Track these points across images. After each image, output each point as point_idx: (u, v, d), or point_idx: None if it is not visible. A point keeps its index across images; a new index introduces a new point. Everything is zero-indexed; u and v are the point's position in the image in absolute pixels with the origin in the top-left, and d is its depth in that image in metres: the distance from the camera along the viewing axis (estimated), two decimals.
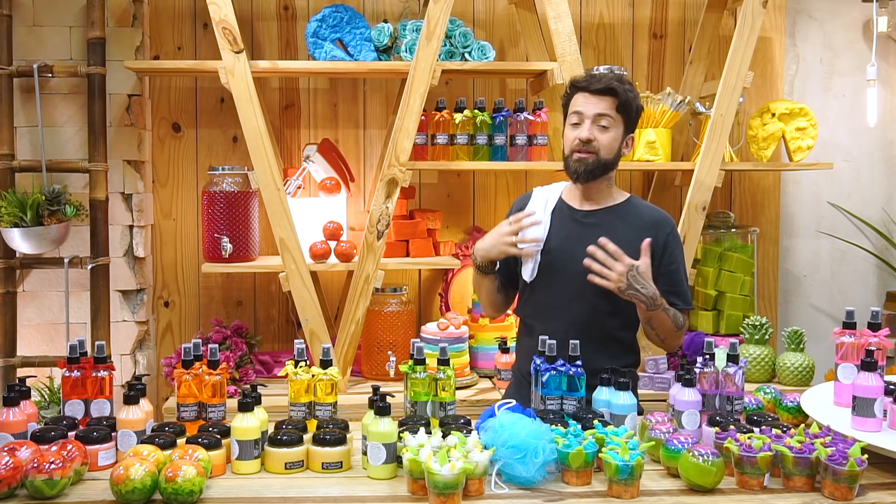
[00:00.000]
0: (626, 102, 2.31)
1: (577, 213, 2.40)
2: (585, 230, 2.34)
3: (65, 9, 3.27)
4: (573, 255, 2.31)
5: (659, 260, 2.32)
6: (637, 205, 2.43)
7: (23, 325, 3.28)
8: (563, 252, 2.35)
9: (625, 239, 2.27)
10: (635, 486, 1.74)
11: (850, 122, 3.83)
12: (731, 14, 3.61)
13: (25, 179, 3.23)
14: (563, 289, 2.35)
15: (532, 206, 2.45)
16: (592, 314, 2.32)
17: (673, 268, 2.35)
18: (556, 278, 2.36)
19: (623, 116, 2.33)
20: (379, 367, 3.27)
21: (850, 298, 3.83)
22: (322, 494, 1.77)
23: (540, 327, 2.35)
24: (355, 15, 3.25)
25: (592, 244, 2.24)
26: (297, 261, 3.10)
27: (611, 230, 2.30)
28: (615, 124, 2.32)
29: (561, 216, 2.41)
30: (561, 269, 2.35)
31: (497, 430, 1.83)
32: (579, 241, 2.30)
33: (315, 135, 3.57)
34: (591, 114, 2.30)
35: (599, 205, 2.39)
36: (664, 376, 3.08)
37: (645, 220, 2.36)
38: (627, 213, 2.38)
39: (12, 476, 1.70)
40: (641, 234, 2.28)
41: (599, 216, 2.37)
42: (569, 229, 2.38)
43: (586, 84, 2.32)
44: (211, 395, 2.05)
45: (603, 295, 2.26)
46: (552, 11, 3.15)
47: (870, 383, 1.95)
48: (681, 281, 2.37)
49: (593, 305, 2.32)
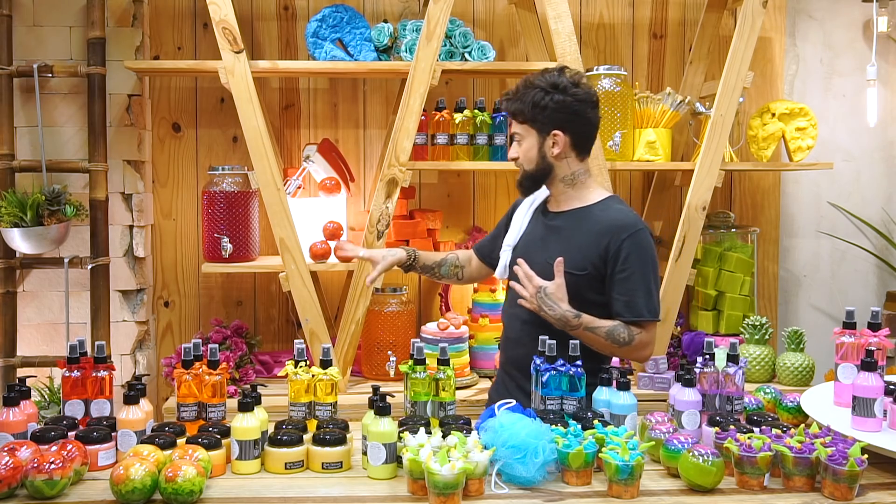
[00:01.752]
0: (519, 112, 2.33)
1: (546, 216, 2.44)
2: (546, 232, 2.39)
3: (65, 9, 3.27)
4: (532, 257, 2.34)
5: (611, 267, 2.23)
6: (605, 207, 2.33)
7: (23, 325, 3.28)
8: (526, 252, 2.40)
9: (577, 243, 2.28)
10: (635, 486, 1.74)
11: (850, 122, 3.83)
12: (731, 14, 3.61)
13: (25, 179, 3.23)
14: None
15: (523, 206, 2.53)
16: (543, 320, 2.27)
17: (624, 276, 2.22)
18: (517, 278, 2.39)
19: (529, 124, 2.32)
20: (379, 367, 3.27)
21: (850, 298, 3.83)
22: (322, 494, 1.77)
23: (509, 323, 2.46)
24: (355, 15, 3.25)
25: (551, 246, 2.30)
26: (297, 261, 3.10)
27: (568, 234, 2.33)
28: (525, 135, 2.34)
29: (537, 218, 2.47)
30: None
31: (497, 430, 1.83)
32: (539, 242, 2.39)
33: (315, 135, 3.57)
34: (511, 133, 2.41)
35: (567, 207, 2.38)
36: (664, 376, 3.08)
37: (601, 226, 2.27)
38: (589, 217, 2.31)
39: (12, 476, 1.70)
40: (595, 238, 2.26)
41: (563, 219, 2.37)
42: (535, 231, 2.44)
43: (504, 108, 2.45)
44: (211, 395, 2.05)
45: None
46: (552, 11, 3.15)
47: (870, 383, 1.95)
48: (633, 290, 2.22)
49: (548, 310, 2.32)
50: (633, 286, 2.22)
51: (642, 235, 2.26)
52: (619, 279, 2.23)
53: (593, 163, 3.16)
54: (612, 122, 3.28)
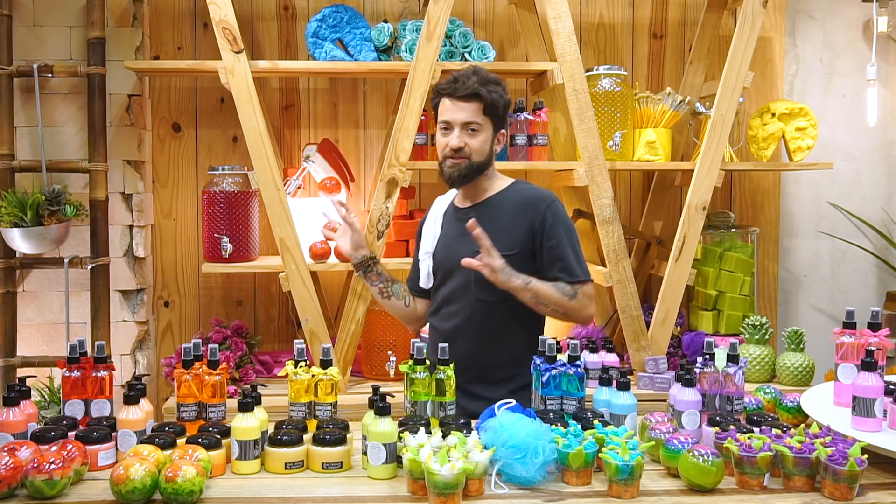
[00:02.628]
0: (491, 104, 2.34)
1: (459, 212, 2.46)
2: (464, 227, 2.36)
3: (65, 9, 3.27)
4: (453, 254, 2.37)
5: (539, 238, 2.35)
6: (516, 189, 2.44)
7: (23, 325, 3.28)
8: (446, 252, 2.44)
9: (501, 227, 2.34)
10: (635, 486, 1.74)
11: (850, 122, 3.83)
12: (731, 14, 3.61)
13: (25, 179, 3.23)
14: (452, 288, 2.42)
15: (430, 215, 2.56)
16: (480, 307, 2.37)
17: (553, 243, 2.34)
18: (447, 279, 2.43)
19: (490, 118, 2.36)
20: (379, 367, 3.27)
21: (850, 298, 3.83)
22: (322, 494, 1.77)
23: (440, 325, 2.45)
24: (355, 15, 3.25)
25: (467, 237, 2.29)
26: (297, 261, 3.10)
27: (488, 220, 2.34)
28: (483, 128, 2.35)
29: (449, 219, 2.50)
30: (447, 269, 2.43)
31: (497, 430, 1.83)
32: (461, 237, 2.38)
33: (315, 135, 3.57)
34: (459, 121, 2.34)
35: (479, 199, 2.44)
36: (664, 376, 3.08)
37: (519, 204, 2.38)
38: (505, 200, 2.41)
39: (12, 476, 1.70)
40: (517, 217, 2.36)
41: (477, 210, 2.41)
42: (451, 229, 2.47)
43: (451, 90, 2.35)
44: (211, 395, 2.05)
45: (486, 286, 2.30)
46: (552, 11, 3.15)
47: (870, 383, 1.95)
48: (565, 255, 2.35)
49: (479, 297, 2.36)
50: (563, 251, 2.35)
51: (558, 204, 2.40)
52: (548, 248, 2.35)
53: (593, 163, 3.17)
54: (612, 122, 3.28)
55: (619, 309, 3.22)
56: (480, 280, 2.30)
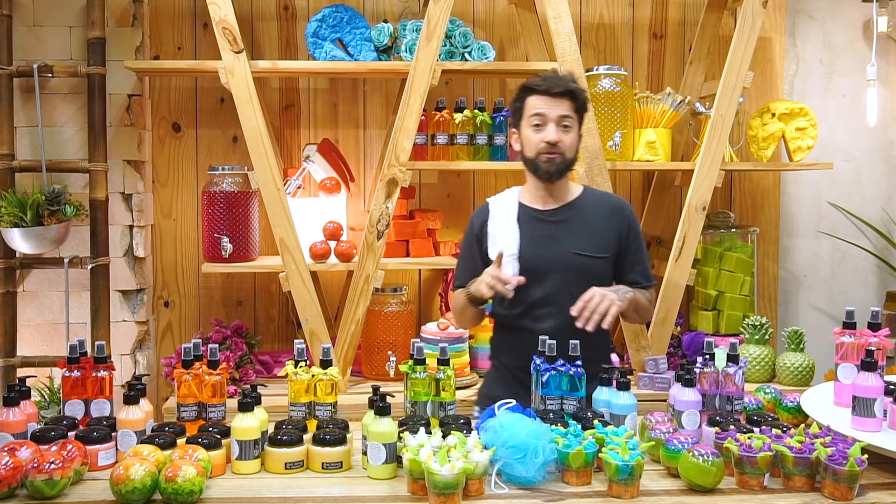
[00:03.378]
0: (583, 104, 2.42)
1: (542, 214, 2.47)
2: (555, 228, 2.44)
3: (65, 9, 3.27)
4: (549, 254, 2.41)
5: (625, 243, 2.47)
6: (594, 194, 2.55)
7: (23, 325, 3.28)
8: (538, 253, 2.42)
9: (595, 231, 2.44)
10: (635, 486, 1.74)
11: (850, 122, 3.83)
12: (731, 14, 3.61)
13: (25, 179, 3.23)
14: (549, 289, 2.41)
15: (494, 217, 2.50)
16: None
17: (635, 248, 2.49)
18: (539, 280, 2.41)
19: (578, 116, 2.43)
20: (379, 367, 3.27)
21: (850, 298, 3.83)
22: (322, 494, 1.77)
23: (536, 326, 2.40)
24: (355, 15, 3.25)
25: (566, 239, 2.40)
26: (297, 261, 3.10)
27: (578, 224, 2.44)
28: (574, 125, 2.41)
29: (527, 220, 2.47)
30: (542, 270, 2.41)
31: (497, 430, 1.83)
32: (552, 239, 2.43)
33: (315, 135, 3.57)
34: (554, 116, 2.37)
35: (562, 201, 2.48)
36: (664, 376, 3.08)
37: (606, 210, 2.49)
38: (590, 205, 2.49)
39: (12, 476, 1.70)
40: (607, 222, 2.46)
41: (564, 213, 2.46)
42: (539, 231, 2.45)
43: (546, 87, 2.38)
44: (211, 395, 2.05)
45: (584, 287, 2.31)
46: (552, 11, 3.15)
47: (870, 383, 1.95)
48: (644, 260, 2.51)
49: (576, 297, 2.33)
50: (643, 256, 2.52)
51: (633, 210, 2.56)
52: (631, 252, 2.49)
53: (594, 163, 3.17)
54: (612, 122, 3.28)
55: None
56: (578, 281, 2.35)
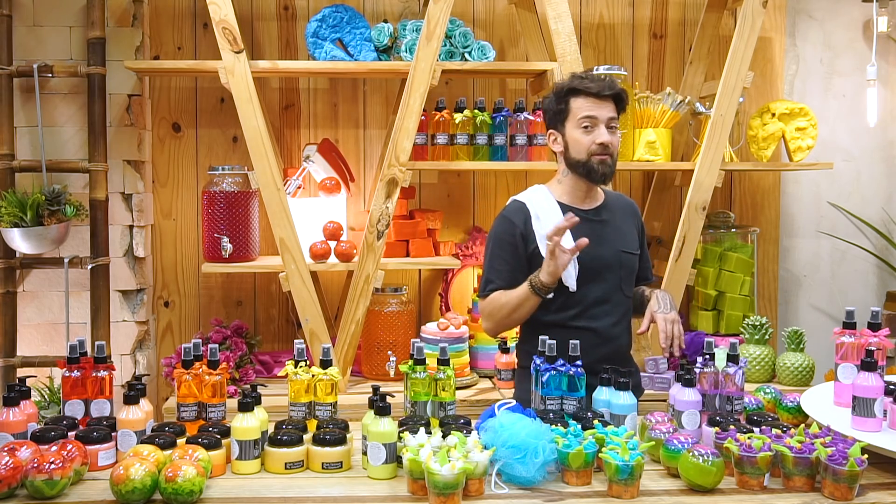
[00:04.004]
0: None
1: (588, 213, 2.46)
2: (601, 227, 2.46)
3: (65, 9, 3.27)
4: (602, 254, 2.43)
5: (641, 240, 2.56)
6: (611, 194, 2.59)
7: (23, 325, 3.28)
8: (594, 252, 2.37)
9: (625, 230, 2.51)
10: (635, 486, 1.74)
11: (850, 122, 3.83)
12: (731, 14, 3.61)
13: (25, 179, 3.23)
14: (605, 287, 2.44)
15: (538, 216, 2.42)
16: (627, 303, 2.50)
17: (645, 246, 2.60)
18: (594, 279, 2.42)
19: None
20: (379, 367, 3.27)
21: (850, 298, 3.83)
22: (322, 494, 1.77)
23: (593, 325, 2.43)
24: (355, 15, 3.25)
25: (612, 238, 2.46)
26: (297, 261, 3.10)
27: (615, 223, 2.50)
28: (618, 127, 2.44)
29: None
30: (599, 269, 2.43)
31: (497, 430, 1.83)
32: (601, 239, 2.43)
33: (315, 135, 3.57)
34: (604, 118, 2.38)
35: (597, 201, 2.51)
36: (664, 376, 3.07)
37: (627, 210, 2.57)
38: (615, 204, 2.55)
39: (12, 476, 1.70)
40: (630, 221, 2.55)
41: (602, 212, 2.50)
42: (588, 231, 2.38)
43: (597, 90, 2.37)
44: (211, 395, 2.05)
45: (629, 284, 2.49)
46: (552, 11, 3.15)
47: (870, 383, 1.95)
48: (650, 258, 2.67)
49: (626, 294, 2.49)
50: (649, 254, 2.66)
51: None
52: (644, 248, 2.59)
53: None
54: None
55: None
56: (626, 277, 2.47)
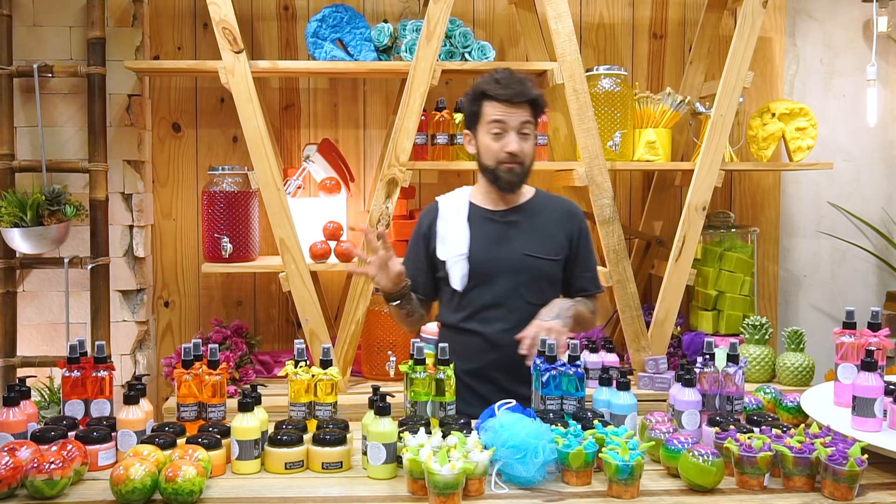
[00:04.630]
0: (540, 108, 2.34)
1: (494, 215, 2.43)
2: (507, 229, 2.40)
3: (65, 9, 3.27)
4: (499, 256, 2.38)
5: (575, 247, 2.44)
6: (547, 196, 2.51)
7: (23, 325, 3.28)
8: (487, 255, 2.38)
9: (546, 233, 2.42)
10: (635, 486, 1.74)
11: (850, 122, 3.83)
12: (731, 14, 3.61)
13: (25, 179, 3.23)
14: (498, 290, 2.38)
15: (443, 216, 2.46)
16: (528, 309, 2.35)
17: (584, 254, 2.47)
18: (487, 281, 2.38)
19: (535, 122, 2.37)
20: (379, 367, 3.27)
21: (850, 298, 3.83)
22: (322, 494, 1.77)
23: (482, 329, 2.39)
24: (355, 15, 3.25)
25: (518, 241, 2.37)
26: (297, 261, 3.10)
27: (530, 226, 2.41)
28: (532, 131, 2.36)
29: (480, 221, 2.43)
30: (492, 272, 2.38)
31: (497, 430, 1.83)
32: (503, 241, 2.39)
33: (315, 135, 3.57)
34: (515, 124, 2.30)
35: (513, 203, 2.44)
36: (664, 376, 3.08)
37: (558, 213, 2.46)
38: (542, 207, 2.46)
39: (12, 476, 1.69)
40: (558, 225, 2.43)
41: (516, 214, 2.43)
42: (489, 232, 2.41)
43: (507, 96, 2.29)
44: (211, 395, 2.05)
45: (534, 290, 2.38)
46: (552, 11, 3.15)
47: (870, 383, 1.95)
48: (592, 265, 2.50)
49: (527, 300, 2.38)
50: (592, 262, 2.50)
51: (584, 216, 2.53)
52: (581, 256, 2.47)
53: (594, 163, 3.17)
54: (612, 122, 3.28)
55: (619, 309, 3.22)
56: (529, 283, 2.37)
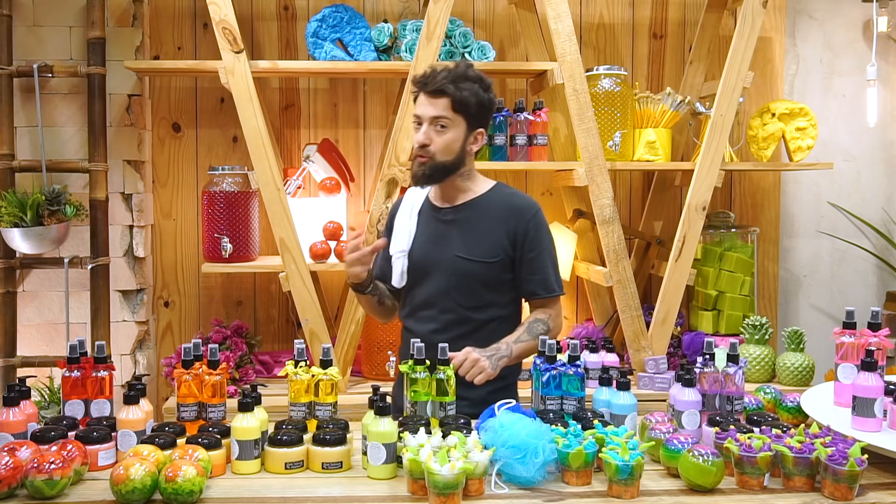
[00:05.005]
0: (461, 101, 2.23)
1: (438, 213, 2.38)
2: (446, 228, 2.34)
3: (65, 9, 3.27)
4: (434, 255, 2.33)
5: (520, 248, 2.31)
6: (500, 193, 2.38)
7: (23, 325, 3.28)
8: (424, 253, 2.35)
9: (483, 232, 2.30)
10: (635, 486, 1.74)
11: (850, 122, 3.83)
12: (731, 14, 3.61)
13: (25, 179, 3.23)
14: (430, 291, 2.34)
15: (402, 209, 2.44)
16: (460, 312, 2.31)
17: (533, 255, 2.31)
18: (422, 280, 2.35)
19: (463, 115, 2.26)
20: (379, 367, 3.27)
21: (850, 298, 3.83)
22: (322, 494, 1.77)
23: (416, 328, 2.35)
24: (355, 15, 3.25)
25: (453, 240, 2.30)
26: (297, 261, 3.10)
27: (469, 225, 2.32)
28: (453, 124, 2.25)
29: (426, 217, 2.40)
30: (425, 270, 2.34)
31: (497, 430, 1.83)
32: (440, 240, 2.33)
33: (315, 135, 3.57)
34: (428, 116, 2.25)
35: (459, 200, 2.36)
36: (664, 376, 3.08)
37: (503, 211, 2.32)
38: (488, 205, 2.34)
39: (12, 476, 1.69)
40: (500, 224, 2.30)
41: (459, 212, 2.35)
42: (431, 229, 2.37)
43: (422, 84, 2.27)
44: (211, 395, 2.05)
45: (466, 292, 2.29)
46: (552, 11, 3.15)
47: (870, 383, 1.95)
48: (543, 267, 2.33)
49: (459, 302, 2.31)
50: (543, 264, 2.33)
51: (541, 215, 2.35)
52: (528, 259, 2.31)
53: (594, 163, 3.17)
54: (612, 122, 3.28)
55: (619, 309, 3.22)
56: (459, 285, 2.29)
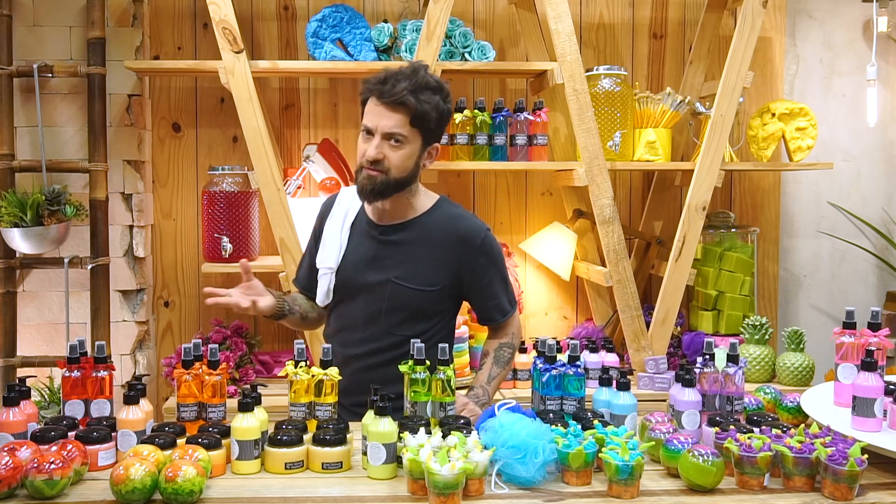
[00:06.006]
0: (420, 115, 2.07)
1: (375, 230, 2.21)
2: (383, 249, 2.19)
3: (65, 9, 3.27)
4: (366, 277, 2.20)
5: (471, 277, 2.21)
6: (445, 213, 2.23)
7: (23, 325, 3.28)
8: (355, 274, 2.22)
9: (426, 259, 2.18)
10: (635, 486, 1.74)
11: (850, 122, 3.83)
12: (731, 14, 3.61)
13: (25, 179, 3.23)
14: (358, 313, 2.23)
15: (334, 215, 2.29)
16: (389, 339, 2.23)
17: (486, 282, 2.22)
18: (350, 301, 2.24)
19: (419, 130, 2.10)
20: None
21: (850, 298, 3.83)
22: (322, 494, 1.77)
23: (341, 352, 2.24)
24: (355, 15, 3.26)
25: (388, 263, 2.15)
26: (296, 261, 3.09)
27: (409, 249, 2.17)
28: (409, 141, 2.09)
29: (360, 233, 2.25)
30: (355, 291, 2.23)
31: (497, 430, 1.83)
32: (375, 261, 2.20)
33: (315, 135, 3.57)
34: (382, 130, 2.07)
35: (401, 218, 2.20)
36: (664, 376, 3.08)
37: (449, 239, 2.19)
38: (431, 228, 2.20)
39: (12, 476, 1.69)
40: (445, 253, 2.18)
41: (399, 233, 2.19)
42: (365, 248, 2.22)
43: (379, 92, 2.07)
44: (211, 395, 2.05)
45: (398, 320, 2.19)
46: (552, 11, 3.15)
47: (870, 383, 1.95)
48: (497, 293, 2.24)
49: (388, 329, 2.21)
50: (496, 289, 2.26)
51: (489, 237, 2.23)
52: (482, 285, 2.23)
53: (593, 163, 3.17)
54: (612, 122, 3.28)
55: (619, 309, 3.22)
56: (393, 310, 2.19)
